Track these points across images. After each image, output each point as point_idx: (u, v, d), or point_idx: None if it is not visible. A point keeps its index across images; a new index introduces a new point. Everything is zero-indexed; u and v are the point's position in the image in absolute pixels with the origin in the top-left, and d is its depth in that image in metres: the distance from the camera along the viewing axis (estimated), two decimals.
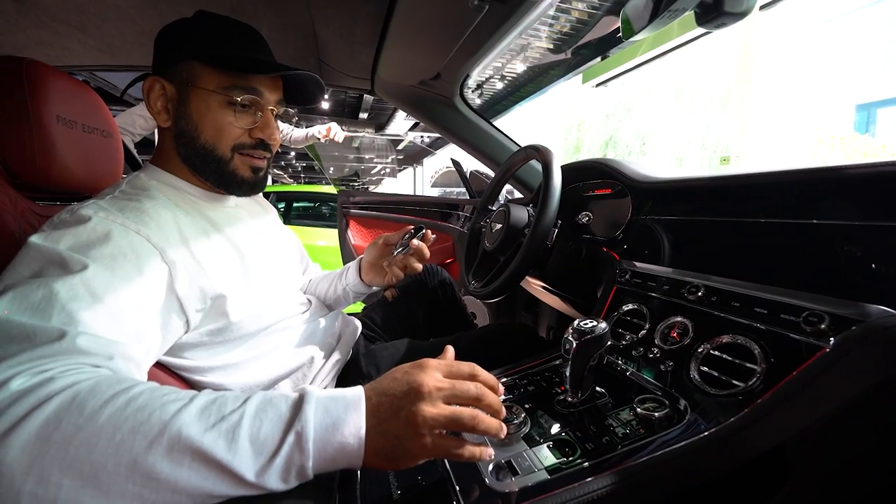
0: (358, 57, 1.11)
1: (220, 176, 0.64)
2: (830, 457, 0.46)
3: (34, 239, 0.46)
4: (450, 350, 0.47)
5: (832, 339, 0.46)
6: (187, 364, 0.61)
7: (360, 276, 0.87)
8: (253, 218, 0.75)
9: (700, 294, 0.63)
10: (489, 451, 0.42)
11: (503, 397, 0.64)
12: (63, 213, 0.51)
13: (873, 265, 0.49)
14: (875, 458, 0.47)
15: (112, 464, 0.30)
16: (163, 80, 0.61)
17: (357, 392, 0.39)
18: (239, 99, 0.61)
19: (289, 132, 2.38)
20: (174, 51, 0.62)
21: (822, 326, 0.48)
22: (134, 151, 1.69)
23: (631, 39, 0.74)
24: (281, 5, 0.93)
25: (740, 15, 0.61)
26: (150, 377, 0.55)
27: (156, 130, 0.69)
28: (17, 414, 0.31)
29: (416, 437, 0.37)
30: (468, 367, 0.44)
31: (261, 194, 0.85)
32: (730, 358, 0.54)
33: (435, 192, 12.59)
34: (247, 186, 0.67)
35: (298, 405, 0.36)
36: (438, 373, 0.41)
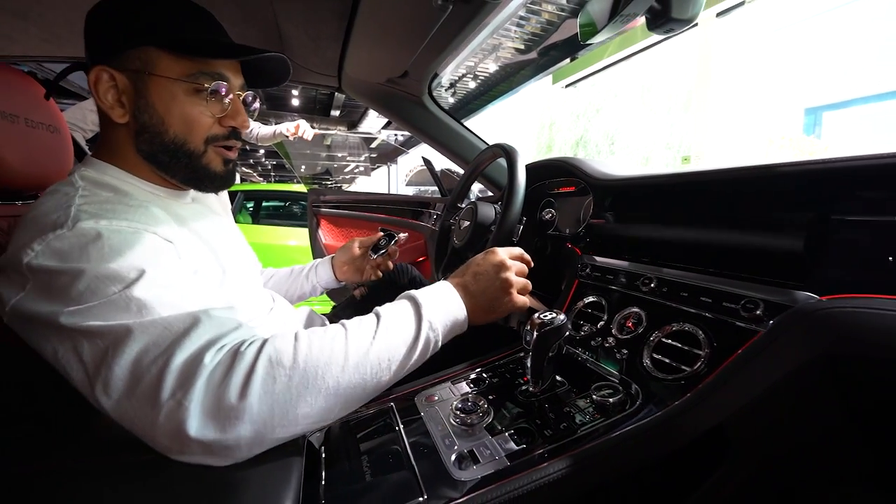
0: (323, 53, 1.10)
1: (192, 171, 0.59)
2: (764, 433, 0.50)
3: (44, 262, 0.43)
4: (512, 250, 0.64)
5: (767, 323, 0.50)
6: None
7: (335, 275, 0.96)
8: (215, 214, 0.73)
9: (653, 285, 0.67)
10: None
11: (467, 390, 0.66)
12: (50, 237, 0.45)
13: (801, 254, 0.53)
14: (803, 432, 0.51)
15: (321, 388, 0.43)
16: (111, 70, 0.54)
17: (448, 287, 0.57)
18: (207, 86, 0.56)
19: (256, 129, 2.32)
20: (120, 35, 0.54)
21: (758, 312, 0.52)
22: (86, 148, 1.60)
23: (591, 42, 0.76)
24: None
25: (687, 21, 0.65)
26: None
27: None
28: (237, 382, 0.40)
29: (508, 296, 0.58)
30: (518, 251, 0.64)
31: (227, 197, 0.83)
32: (678, 345, 0.58)
33: (410, 191, 12.55)
34: (218, 181, 0.63)
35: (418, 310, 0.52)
36: (507, 256, 0.61)
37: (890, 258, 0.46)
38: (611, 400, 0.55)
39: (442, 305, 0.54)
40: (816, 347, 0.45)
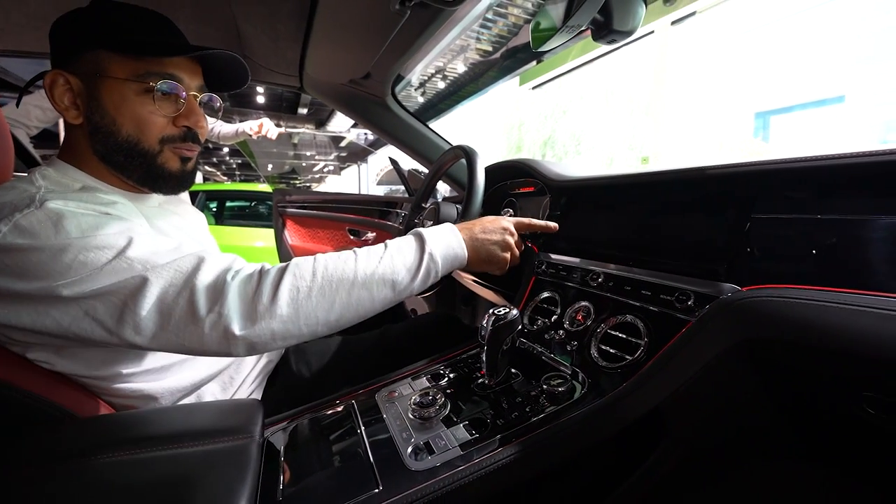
0: (284, 53, 1.09)
1: (148, 171, 0.60)
2: (696, 413, 0.55)
3: (12, 240, 0.45)
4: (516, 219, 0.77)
5: (698, 313, 0.55)
6: (107, 373, 0.57)
7: None
8: (179, 216, 0.72)
9: (600, 280, 0.71)
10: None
11: (427, 385, 0.68)
12: (17, 216, 0.46)
13: (726, 249, 0.58)
14: (729, 411, 0.56)
15: (336, 299, 0.53)
16: (66, 74, 0.56)
17: (452, 228, 0.66)
18: (156, 85, 0.57)
19: (217, 127, 2.25)
20: (75, 40, 0.57)
21: (690, 303, 0.56)
22: (29, 146, 1.51)
23: (543, 50, 0.80)
24: None
25: (628, 33, 0.69)
26: (56, 390, 0.52)
27: (61, 125, 0.64)
28: (268, 291, 0.49)
29: (505, 254, 0.70)
30: (528, 220, 0.79)
31: (188, 199, 0.82)
32: (622, 335, 0.62)
33: (381, 190, 12.44)
34: (174, 181, 0.64)
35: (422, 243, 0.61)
36: (511, 223, 0.73)
37: (807, 252, 0.51)
38: (560, 389, 0.58)
39: (444, 241, 0.63)
40: (736, 333, 0.50)
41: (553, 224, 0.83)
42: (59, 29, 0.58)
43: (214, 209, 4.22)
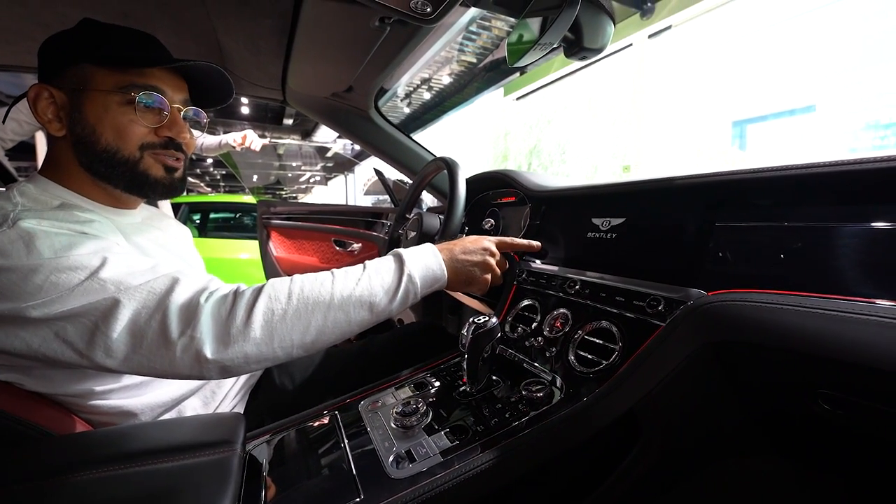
0: (266, 68, 1.10)
1: (132, 179, 0.61)
2: (667, 414, 0.57)
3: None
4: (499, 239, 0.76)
5: (668, 318, 0.57)
6: (82, 391, 0.57)
7: None
8: (163, 232, 0.72)
9: (577, 287, 0.73)
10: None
11: (410, 394, 0.69)
12: None
13: (695, 257, 0.61)
14: (699, 411, 0.58)
15: (311, 321, 0.51)
16: (50, 88, 0.57)
17: (432, 249, 0.65)
18: (137, 96, 0.58)
19: (200, 139, 2.24)
20: (61, 56, 0.58)
21: (660, 308, 0.59)
22: (4, 160, 1.48)
23: (519, 66, 0.83)
24: (178, 11, 0.89)
25: (598, 50, 0.73)
26: (32, 410, 0.52)
27: (38, 137, 0.65)
28: (241, 313, 0.48)
29: (486, 275, 0.69)
30: (510, 240, 0.78)
31: (171, 213, 0.82)
32: (598, 341, 0.64)
33: (368, 200, 12.41)
34: (161, 188, 0.64)
35: (401, 263, 0.60)
36: (493, 243, 0.72)
37: (762, 257, 0.54)
38: (538, 394, 0.60)
39: (423, 262, 0.61)
40: (702, 336, 0.52)
41: (536, 243, 0.83)
42: (45, 47, 0.60)
43: (198, 221, 4.17)
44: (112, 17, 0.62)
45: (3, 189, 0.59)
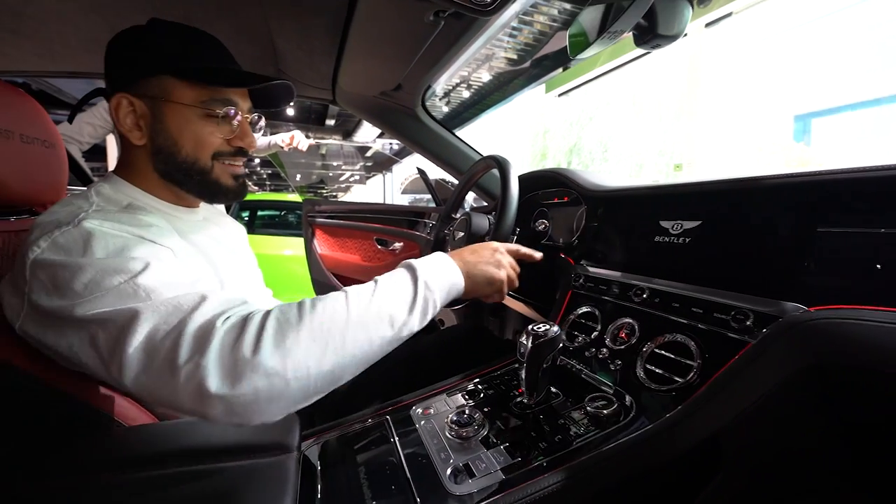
0: (318, 67, 1.11)
1: (204, 186, 0.63)
2: (757, 443, 0.51)
3: (48, 256, 0.46)
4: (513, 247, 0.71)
5: (757, 334, 0.51)
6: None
7: None
8: (221, 229, 0.74)
9: (645, 296, 0.67)
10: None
11: (462, 402, 0.66)
12: (56, 234, 0.47)
13: (789, 265, 0.54)
14: (793, 440, 0.51)
15: (328, 343, 0.45)
16: (129, 97, 0.58)
17: (442, 256, 0.60)
18: (219, 111, 0.60)
19: None
20: (138, 65, 0.59)
21: (748, 323, 0.53)
22: (81, 161, 1.60)
23: (579, 56, 0.78)
24: (235, 14, 0.92)
25: (673, 37, 0.67)
26: (106, 400, 0.54)
27: (108, 140, 0.67)
28: (250, 340, 0.43)
29: (500, 275, 0.63)
30: (514, 247, 0.71)
31: (226, 213, 0.85)
32: (671, 356, 0.58)
33: (406, 199, 12.56)
34: (231, 194, 0.67)
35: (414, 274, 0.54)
36: (503, 247, 0.67)
37: (874, 269, 0.47)
38: (605, 411, 0.55)
39: (437, 269, 0.57)
40: (804, 357, 0.45)
41: (538, 254, 0.73)
42: (117, 52, 0.60)
43: (246, 218, 4.36)
44: (173, 17, 0.63)
45: (84, 188, 0.61)
